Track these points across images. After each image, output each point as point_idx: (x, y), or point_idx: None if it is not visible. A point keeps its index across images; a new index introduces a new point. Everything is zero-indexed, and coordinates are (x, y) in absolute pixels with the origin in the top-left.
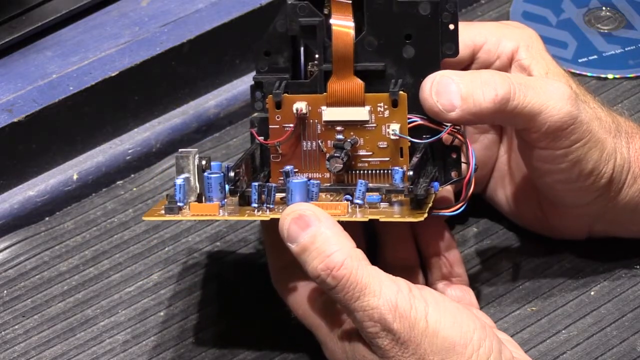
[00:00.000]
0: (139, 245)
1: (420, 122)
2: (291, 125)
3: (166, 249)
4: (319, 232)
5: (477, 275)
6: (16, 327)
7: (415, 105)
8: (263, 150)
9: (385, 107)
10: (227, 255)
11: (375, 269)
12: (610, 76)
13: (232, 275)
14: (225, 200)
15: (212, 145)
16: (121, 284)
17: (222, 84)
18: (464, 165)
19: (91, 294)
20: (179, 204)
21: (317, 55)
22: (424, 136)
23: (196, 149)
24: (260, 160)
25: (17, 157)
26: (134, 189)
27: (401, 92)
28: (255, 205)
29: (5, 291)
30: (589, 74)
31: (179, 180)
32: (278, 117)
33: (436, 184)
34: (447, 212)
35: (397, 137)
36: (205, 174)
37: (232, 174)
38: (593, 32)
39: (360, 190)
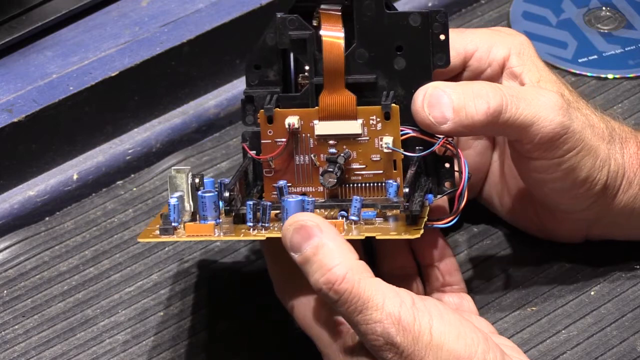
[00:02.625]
0: (139, 245)
1: (412, 134)
2: (283, 140)
3: (166, 249)
4: (321, 243)
5: (476, 276)
6: (16, 327)
7: (408, 116)
8: (256, 164)
9: (378, 119)
10: (227, 256)
11: (378, 281)
12: (610, 76)
13: (231, 275)
14: (220, 218)
15: (212, 145)
16: (121, 284)
17: (222, 84)
18: (457, 174)
19: (91, 294)
20: (173, 224)
21: (307, 68)
22: (417, 148)
23: (189, 167)
24: (253, 174)
25: (17, 157)
26: (134, 189)
27: (393, 105)
28: (251, 224)
29: (5, 291)
30: (589, 74)
31: (173, 200)
32: (270, 132)
33: (430, 196)
34: (439, 224)
35: (390, 150)
36: (199, 193)
37: (226, 194)
38: (593, 32)
39: (355, 206)
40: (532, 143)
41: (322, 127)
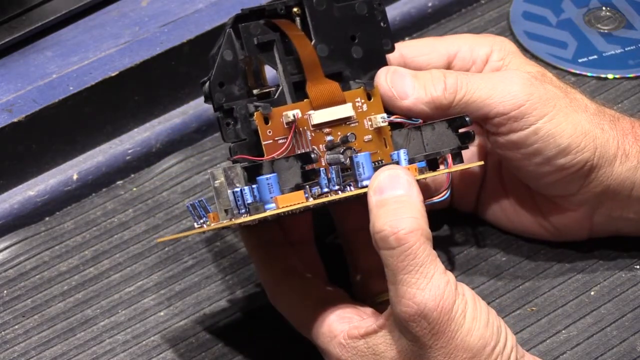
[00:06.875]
0: (139, 245)
1: (391, 118)
2: (285, 137)
3: (166, 249)
4: (405, 195)
5: (476, 276)
6: (16, 327)
7: None
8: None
9: (363, 101)
10: (227, 256)
11: (435, 255)
12: (610, 76)
13: (231, 275)
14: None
15: (212, 145)
16: (121, 284)
17: None
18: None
19: (91, 294)
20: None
21: (280, 70)
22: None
23: (239, 163)
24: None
25: (17, 157)
26: (134, 189)
27: (375, 84)
28: (326, 189)
29: (5, 291)
30: (589, 74)
31: (237, 189)
32: (269, 132)
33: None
34: (436, 199)
35: (386, 122)
36: (262, 177)
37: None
38: (593, 32)
39: (404, 159)
40: (498, 116)
41: (318, 116)
